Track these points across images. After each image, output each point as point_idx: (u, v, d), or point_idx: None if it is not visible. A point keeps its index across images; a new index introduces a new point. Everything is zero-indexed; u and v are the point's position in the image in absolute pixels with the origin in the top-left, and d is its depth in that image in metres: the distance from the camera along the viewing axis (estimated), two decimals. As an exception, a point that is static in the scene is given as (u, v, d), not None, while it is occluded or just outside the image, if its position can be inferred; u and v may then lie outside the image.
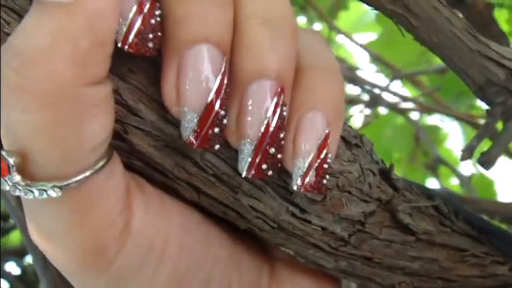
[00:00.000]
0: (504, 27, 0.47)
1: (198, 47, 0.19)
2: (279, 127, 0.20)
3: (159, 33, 0.19)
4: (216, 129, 0.19)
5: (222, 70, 0.19)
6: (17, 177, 0.18)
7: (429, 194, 0.27)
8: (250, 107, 0.20)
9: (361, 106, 0.68)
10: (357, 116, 0.70)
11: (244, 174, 0.20)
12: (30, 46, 0.17)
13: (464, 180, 0.73)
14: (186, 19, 0.19)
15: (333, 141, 0.21)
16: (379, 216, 0.23)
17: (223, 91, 0.19)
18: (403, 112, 0.62)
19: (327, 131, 0.20)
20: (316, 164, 0.20)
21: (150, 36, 0.19)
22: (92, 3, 0.17)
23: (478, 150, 0.30)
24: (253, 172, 0.20)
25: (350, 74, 0.48)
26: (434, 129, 0.79)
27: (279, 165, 0.20)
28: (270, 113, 0.20)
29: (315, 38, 0.23)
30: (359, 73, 0.74)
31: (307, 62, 0.21)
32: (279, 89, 0.20)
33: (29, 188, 0.18)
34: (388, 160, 0.24)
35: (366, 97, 0.71)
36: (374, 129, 0.80)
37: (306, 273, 0.25)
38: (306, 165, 0.20)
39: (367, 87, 0.64)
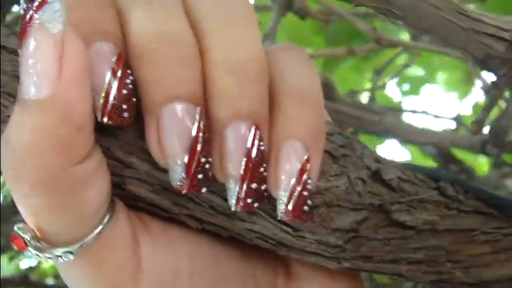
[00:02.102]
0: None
1: (171, 106, 0.20)
2: (258, 162, 0.21)
3: (133, 100, 0.21)
4: (200, 176, 0.21)
5: (197, 121, 0.21)
6: (35, 248, 0.21)
7: (436, 176, 0.28)
8: (229, 149, 0.21)
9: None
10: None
11: (233, 209, 0.22)
12: (18, 143, 0.19)
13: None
14: (156, 82, 0.20)
15: (313, 166, 0.22)
16: (374, 219, 0.25)
17: (201, 140, 0.21)
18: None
19: (305, 157, 0.22)
20: (297, 193, 0.22)
21: (124, 106, 0.20)
22: (62, 95, 0.19)
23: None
24: (241, 206, 0.22)
25: (373, 34, 0.47)
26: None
27: (265, 194, 0.22)
28: (247, 151, 0.21)
29: (292, 57, 0.24)
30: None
31: (282, 90, 0.22)
32: (253, 128, 0.21)
33: (47, 255, 0.21)
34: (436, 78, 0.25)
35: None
36: (424, 55, 0.77)
37: (323, 270, 0.27)
38: (287, 194, 0.22)
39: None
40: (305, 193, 0.22)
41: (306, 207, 0.22)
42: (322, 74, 0.58)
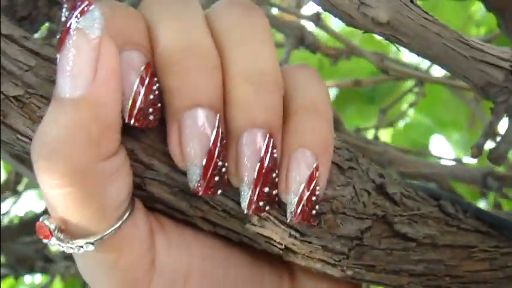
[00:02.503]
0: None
1: (193, 111, 0.22)
2: (271, 168, 0.23)
3: (159, 105, 0.23)
4: (217, 178, 0.23)
5: (216, 127, 0.22)
6: (59, 239, 0.22)
7: (436, 196, 0.29)
8: (244, 154, 0.23)
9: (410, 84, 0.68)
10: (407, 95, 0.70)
11: (245, 211, 0.23)
12: (52, 137, 0.21)
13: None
14: (180, 89, 0.22)
15: (322, 173, 0.24)
16: (377, 229, 0.26)
17: (219, 145, 0.23)
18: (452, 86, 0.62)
19: (315, 165, 0.23)
20: (306, 197, 0.23)
21: (150, 110, 0.22)
22: (95, 95, 0.21)
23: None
24: (253, 209, 0.23)
25: (380, 64, 0.50)
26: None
27: (276, 199, 0.24)
28: (261, 157, 0.23)
29: (303, 76, 0.26)
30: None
31: (295, 103, 0.24)
32: (267, 135, 0.23)
33: (69, 246, 0.22)
34: (444, 126, 0.27)
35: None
36: (429, 98, 0.79)
37: (324, 277, 0.28)
38: (297, 199, 0.23)
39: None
40: (313, 198, 0.23)
41: (313, 212, 0.23)
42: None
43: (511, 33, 0.39)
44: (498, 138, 0.31)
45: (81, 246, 0.22)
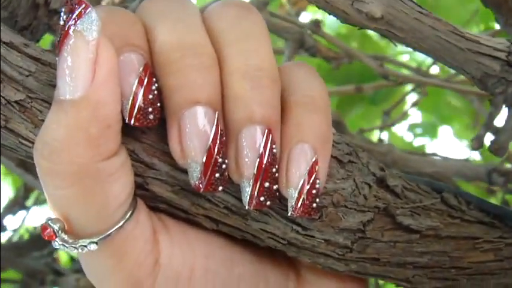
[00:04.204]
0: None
1: (192, 109, 0.23)
2: (271, 163, 0.23)
3: (158, 104, 0.23)
4: (217, 175, 0.23)
5: (215, 124, 0.23)
6: (64, 237, 0.22)
7: (438, 188, 0.29)
8: (244, 150, 0.23)
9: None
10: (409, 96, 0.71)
11: (246, 207, 0.24)
12: (53, 138, 0.21)
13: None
14: (179, 88, 0.23)
15: (321, 167, 0.24)
16: (380, 222, 0.26)
17: (218, 141, 0.23)
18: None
19: (314, 159, 0.24)
20: (306, 191, 0.23)
21: (150, 109, 0.23)
22: (94, 96, 0.21)
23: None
24: (254, 204, 0.24)
25: (381, 70, 0.50)
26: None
27: (277, 194, 0.24)
28: (260, 152, 0.23)
29: (301, 72, 0.26)
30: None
31: (293, 98, 0.25)
32: (266, 131, 0.23)
33: (73, 245, 0.23)
34: (449, 121, 0.27)
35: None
36: (432, 97, 0.79)
37: (330, 274, 0.28)
38: (297, 192, 0.23)
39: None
40: (313, 191, 0.24)
41: (314, 205, 0.24)
42: (333, 111, 0.60)
43: (509, 27, 0.39)
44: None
45: (85, 246, 0.23)
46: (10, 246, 0.70)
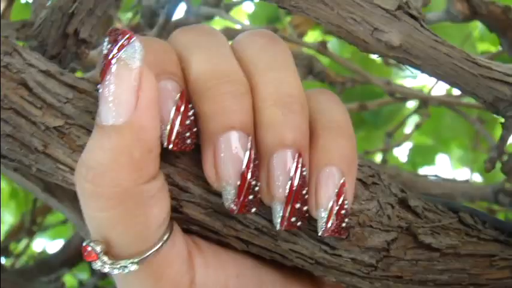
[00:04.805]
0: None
1: (227, 134, 0.24)
2: (301, 185, 0.24)
3: (194, 129, 0.24)
4: (251, 197, 0.24)
5: (249, 148, 0.24)
6: (105, 259, 0.23)
7: (456, 208, 0.31)
8: (275, 173, 0.24)
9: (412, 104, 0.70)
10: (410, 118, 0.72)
11: (278, 228, 0.25)
12: (98, 162, 0.22)
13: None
14: (215, 113, 0.24)
15: (349, 189, 0.25)
16: (402, 241, 0.27)
17: (252, 165, 0.24)
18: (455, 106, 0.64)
19: (342, 181, 0.25)
20: (335, 211, 0.24)
21: (187, 134, 0.24)
22: (138, 122, 0.22)
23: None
24: (285, 225, 0.25)
25: (387, 87, 0.52)
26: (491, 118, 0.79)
27: (306, 215, 0.25)
28: (292, 176, 0.24)
29: (326, 99, 0.27)
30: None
31: (320, 124, 0.26)
32: (297, 155, 0.24)
33: (114, 266, 0.23)
34: (447, 145, 0.28)
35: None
36: (433, 120, 0.81)
37: None
38: (327, 213, 0.25)
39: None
40: (343, 212, 0.25)
41: (343, 224, 0.25)
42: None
43: (513, 52, 0.41)
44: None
45: (126, 267, 0.23)
46: (16, 271, 0.70)
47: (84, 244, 0.23)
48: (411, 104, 0.78)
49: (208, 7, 0.65)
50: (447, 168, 1.01)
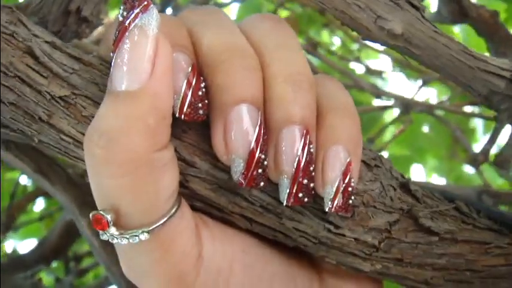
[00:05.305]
0: (502, 15, 0.50)
1: (239, 107, 0.24)
2: (309, 162, 0.25)
3: (206, 101, 0.24)
4: (260, 170, 0.24)
5: (259, 122, 0.24)
6: (113, 229, 0.23)
7: (451, 197, 0.31)
8: (283, 148, 0.24)
9: (394, 111, 0.72)
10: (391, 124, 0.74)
11: (285, 203, 0.25)
12: (112, 127, 0.22)
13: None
14: (227, 86, 0.24)
15: (354, 167, 0.25)
16: (404, 223, 0.27)
17: (261, 139, 0.24)
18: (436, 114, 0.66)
19: (348, 160, 0.25)
20: (342, 188, 0.25)
21: (200, 105, 0.24)
22: (154, 88, 0.22)
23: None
24: (292, 200, 0.25)
25: (374, 90, 0.53)
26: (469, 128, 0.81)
27: (312, 192, 0.25)
28: (299, 151, 0.24)
29: (331, 83, 0.28)
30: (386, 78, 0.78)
31: (326, 105, 0.26)
32: (304, 131, 0.24)
33: (123, 236, 0.23)
34: (424, 158, 0.29)
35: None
36: (411, 128, 0.82)
37: (349, 279, 0.29)
38: (334, 190, 0.25)
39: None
40: (349, 189, 0.25)
41: (350, 201, 0.25)
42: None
43: (500, 55, 0.42)
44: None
45: (137, 236, 0.23)
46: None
47: (93, 213, 0.23)
48: (392, 115, 0.79)
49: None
50: (421, 178, 1.03)
